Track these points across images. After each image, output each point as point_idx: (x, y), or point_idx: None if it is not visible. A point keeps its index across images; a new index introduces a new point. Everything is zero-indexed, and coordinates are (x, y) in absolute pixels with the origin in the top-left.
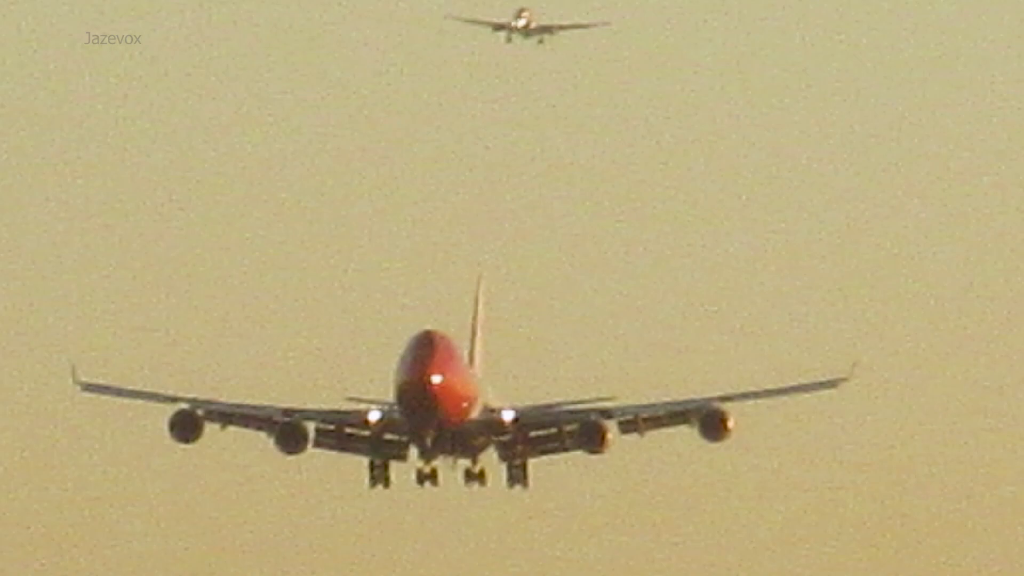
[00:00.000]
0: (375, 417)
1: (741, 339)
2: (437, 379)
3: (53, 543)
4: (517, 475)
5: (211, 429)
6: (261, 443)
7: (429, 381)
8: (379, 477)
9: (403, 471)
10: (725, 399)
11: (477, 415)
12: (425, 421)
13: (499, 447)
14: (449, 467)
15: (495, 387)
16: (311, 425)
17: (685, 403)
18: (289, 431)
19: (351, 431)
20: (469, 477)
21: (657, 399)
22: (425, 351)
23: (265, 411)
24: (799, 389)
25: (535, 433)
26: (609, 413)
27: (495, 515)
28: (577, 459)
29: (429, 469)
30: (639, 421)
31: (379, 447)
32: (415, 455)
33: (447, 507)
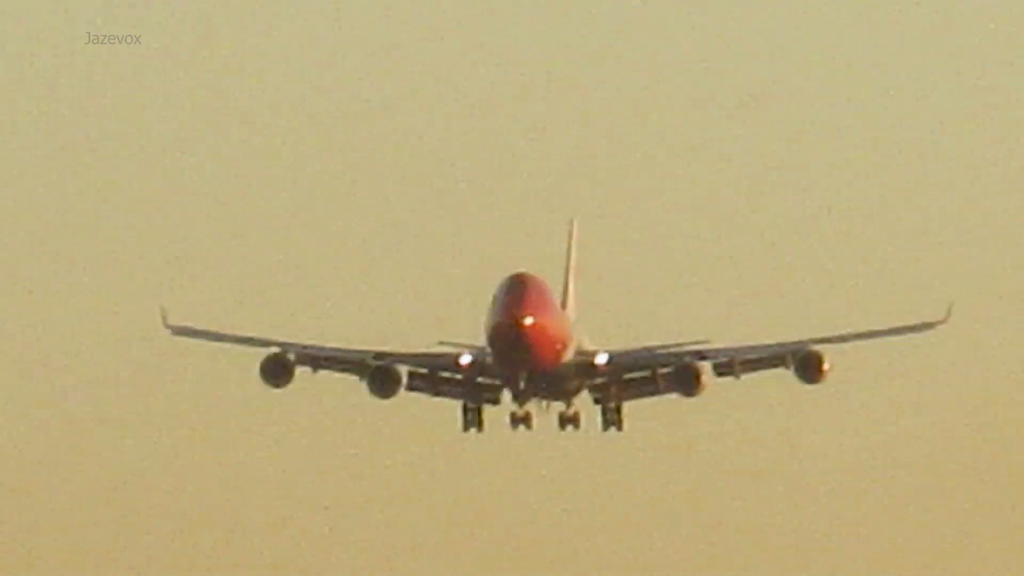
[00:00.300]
0: (467, 360)
1: (837, 281)
2: (529, 321)
3: (146, 487)
4: (611, 419)
5: (302, 373)
6: (353, 387)
7: (521, 323)
8: (472, 421)
9: (497, 415)
10: (821, 341)
11: (570, 358)
12: (517, 364)
13: (593, 391)
14: (543, 411)
15: (589, 331)
16: (403, 369)
17: (780, 346)
18: (382, 374)
19: (444, 374)
20: (563, 421)
21: (752, 342)
22: (518, 293)
23: (357, 355)
24: (895, 331)
25: (629, 376)
26: (704, 356)
27: (589, 459)
28: (671, 402)
29: (522, 413)
30: (734, 364)
31: (472, 391)
32: (509, 398)
33: (541, 451)
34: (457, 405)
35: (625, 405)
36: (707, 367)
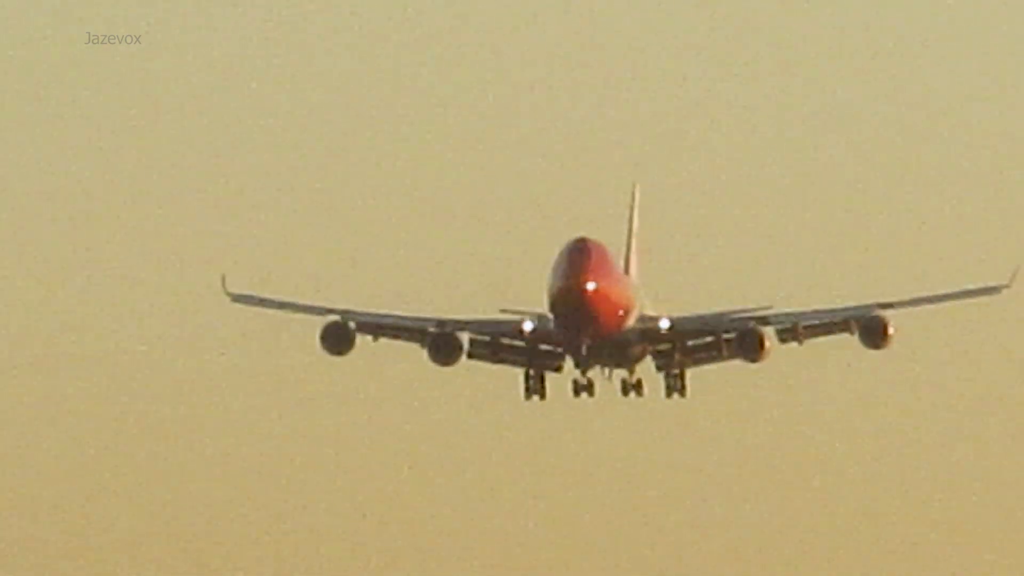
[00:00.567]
0: (530, 327)
1: (901, 246)
2: (592, 286)
3: (207, 455)
4: (675, 385)
5: (363, 341)
6: (414, 355)
7: (584, 288)
8: (535, 388)
9: (559, 382)
10: (885, 306)
11: (633, 324)
12: (580, 330)
13: (656, 357)
14: (605, 378)
15: (652, 297)
16: (465, 336)
17: (844, 310)
18: (443, 341)
19: (506, 342)
20: (626, 388)
21: (815, 307)
22: (580, 258)
23: (418, 322)
24: (960, 295)
25: (692, 342)
26: (767, 321)
27: (653, 426)
28: (735, 369)
29: (585, 380)
30: (798, 329)
31: (534, 357)
32: (571, 366)
33: (604, 418)
34: (519, 373)
35: (688, 372)
36: (770, 332)
